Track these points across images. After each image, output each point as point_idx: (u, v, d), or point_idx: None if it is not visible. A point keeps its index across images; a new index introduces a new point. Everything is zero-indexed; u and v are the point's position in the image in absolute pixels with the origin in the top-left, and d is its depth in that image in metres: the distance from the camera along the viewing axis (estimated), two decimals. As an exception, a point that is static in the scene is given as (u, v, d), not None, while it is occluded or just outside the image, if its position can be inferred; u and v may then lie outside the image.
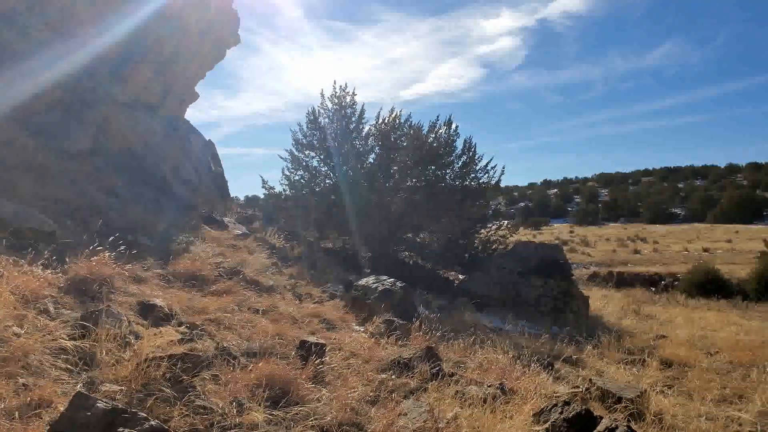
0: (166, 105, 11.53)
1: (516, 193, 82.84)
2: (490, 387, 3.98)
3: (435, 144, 12.03)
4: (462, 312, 8.62)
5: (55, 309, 3.76)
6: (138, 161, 9.84)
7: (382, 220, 11.56)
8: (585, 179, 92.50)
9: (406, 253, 12.63)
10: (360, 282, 7.06)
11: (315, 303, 6.45)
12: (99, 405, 2.38)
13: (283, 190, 13.01)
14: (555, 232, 47.67)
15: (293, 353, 4.13)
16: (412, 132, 12.25)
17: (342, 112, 12.51)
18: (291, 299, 6.35)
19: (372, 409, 3.45)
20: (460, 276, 12.04)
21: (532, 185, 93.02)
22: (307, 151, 12.76)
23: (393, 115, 12.49)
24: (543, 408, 3.57)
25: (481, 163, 12.16)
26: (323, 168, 12.80)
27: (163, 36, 10.46)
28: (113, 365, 3.14)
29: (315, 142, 12.65)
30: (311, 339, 4.38)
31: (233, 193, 17.63)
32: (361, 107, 12.57)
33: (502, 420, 3.37)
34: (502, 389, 3.99)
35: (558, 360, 5.93)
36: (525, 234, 33.47)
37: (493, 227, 12.82)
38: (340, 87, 12.56)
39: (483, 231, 12.56)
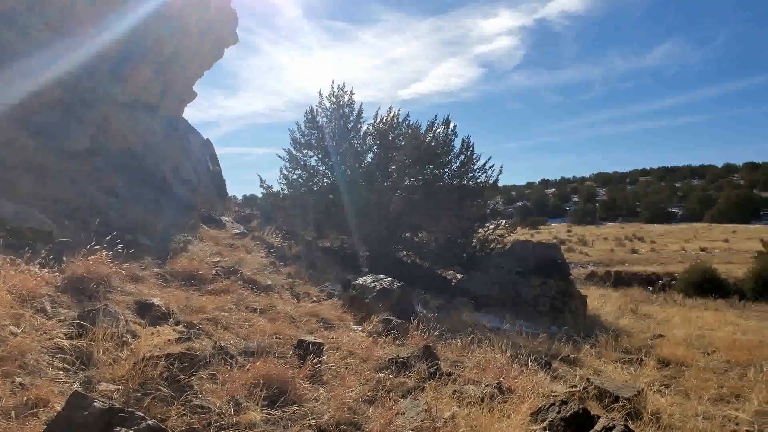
0: (165, 105, 11.52)
1: (514, 193, 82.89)
2: (487, 386, 3.98)
3: (433, 143, 12.03)
4: (460, 311, 8.62)
5: (52, 308, 3.75)
6: (138, 161, 9.83)
7: (380, 219, 11.56)
8: (583, 179, 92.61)
9: (404, 253, 12.62)
10: (358, 281, 7.06)
11: (313, 302, 6.44)
12: (96, 404, 2.37)
13: (281, 189, 13.02)
14: (553, 231, 47.75)
15: (291, 352, 4.13)
16: (410, 131, 12.24)
17: (340, 111, 12.50)
18: (289, 298, 6.34)
19: (369, 409, 3.45)
20: (458, 275, 12.04)
21: (530, 185, 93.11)
22: (305, 151, 12.76)
23: (391, 115, 12.49)
24: (540, 407, 3.58)
25: (479, 163, 12.19)
26: (321, 167, 12.81)
27: (163, 35, 10.45)
28: (110, 364, 3.13)
29: (313, 141, 12.65)
30: (309, 338, 4.38)
31: (231, 193, 17.66)
32: (359, 106, 12.58)
33: (499, 419, 3.37)
34: (499, 388, 4.00)
35: (556, 359, 5.94)
36: (523, 233, 33.52)
37: (491, 227, 12.83)
38: (338, 86, 12.57)
39: (481, 230, 12.57)
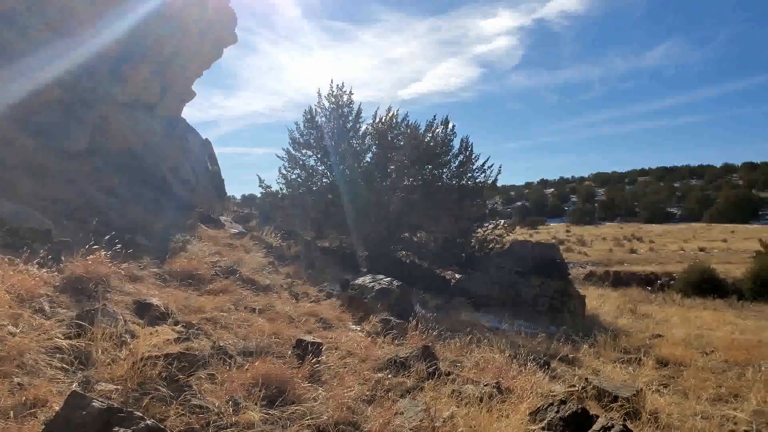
0: (164, 104, 11.51)
1: (513, 193, 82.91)
2: (486, 386, 3.98)
3: (432, 143, 12.04)
4: (459, 311, 8.63)
5: (51, 308, 3.75)
6: (137, 161, 9.83)
7: (379, 219, 11.56)
8: (582, 179, 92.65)
9: (403, 253, 12.63)
10: (357, 281, 7.06)
11: (312, 302, 6.43)
12: (94, 404, 2.37)
13: (280, 189, 13.02)
14: (552, 231, 47.78)
15: (290, 352, 4.12)
16: (409, 131, 12.25)
17: (339, 111, 12.50)
18: (287, 298, 6.34)
19: (368, 408, 3.44)
20: (457, 275, 12.05)
21: (529, 185, 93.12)
22: (304, 150, 12.76)
23: (390, 115, 12.50)
24: (539, 407, 3.58)
25: (478, 163, 12.22)
26: (320, 167, 12.81)
27: (163, 35, 10.44)
28: (109, 364, 3.13)
29: (312, 141, 12.65)
30: (308, 338, 4.38)
31: (230, 192, 17.67)
32: (358, 106, 12.59)
33: (498, 419, 3.37)
34: (498, 388, 4.00)
35: (554, 359, 5.94)
36: (522, 233, 33.57)
37: (490, 227, 12.85)
38: (337, 86, 12.57)
39: (480, 230, 12.58)
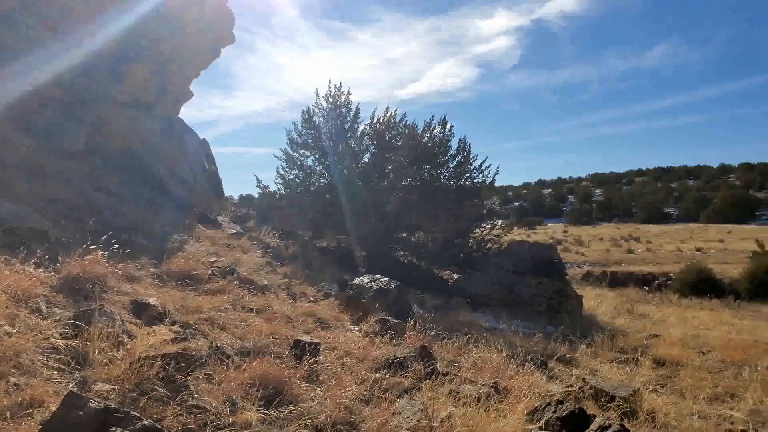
0: (162, 104, 11.50)
1: (510, 193, 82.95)
2: (484, 386, 3.99)
3: (430, 144, 12.05)
4: (457, 311, 8.63)
5: (48, 308, 3.73)
6: (135, 161, 9.81)
7: (377, 219, 11.57)
8: (579, 179, 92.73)
9: (401, 253, 12.64)
10: (355, 281, 7.06)
11: (309, 302, 6.43)
12: (91, 404, 2.36)
13: (278, 189, 13.01)
14: (549, 231, 47.81)
15: (287, 352, 4.12)
16: (407, 132, 12.26)
17: (337, 111, 12.50)
18: (285, 298, 6.33)
19: (366, 408, 3.44)
20: (455, 275, 12.06)
21: (526, 185, 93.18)
22: (302, 151, 12.76)
23: (388, 115, 12.51)
24: (537, 407, 3.59)
25: (476, 163, 12.23)
26: (318, 167, 12.81)
27: (161, 35, 10.42)
28: (106, 364, 3.12)
29: (310, 141, 12.65)
30: (305, 338, 4.37)
31: (228, 192, 17.65)
32: (356, 106, 12.59)
33: (495, 419, 3.38)
34: (496, 388, 4.01)
35: (552, 359, 5.95)
36: (519, 233, 33.61)
37: (488, 227, 12.87)
38: (334, 86, 12.57)
39: (478, 231, 12.60)
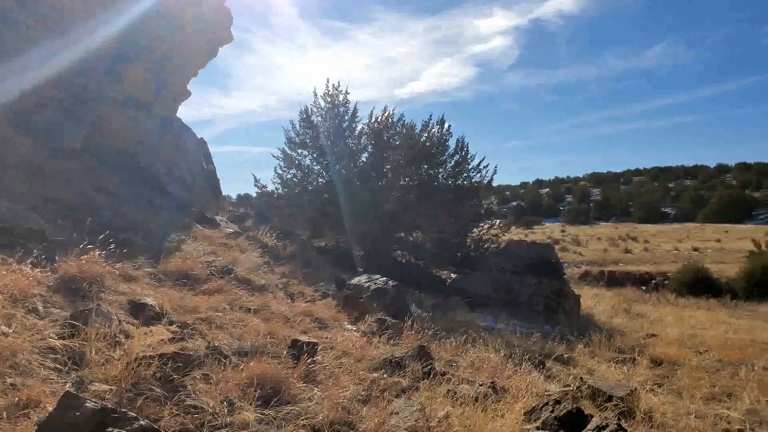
0: (160, 103, 11.46)
1: (508, 193, 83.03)
2: (481, 386, 3.99)
3: (428, 143, 12.05)
4: (455, 311, 8.64)
5: (44, 308, 3.72)
6: (133, 160, 9.79)
7: (375, 219, 11.56)
8: (577, 179, 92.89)
9: (399, 252, 12.63)
10: (353, 281, 7.06)
11: (307, 302, 6.43)
12: (88, 405, 2.36)
13: (276, 188, 12.99)
14: (547, 231, 47.89)
15: (285, 352, 4.12)
16: (405, 131, 12.26)
17: (335, 110, 12.49)
18: (283, 298, 6.32)
19: (364, 408, 3.45)
20: (452, 275, 12.06)
21: (524, 185, 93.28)
22: (300, 150, 12.74)
23: (386, 114, 12.50)
24: (534, 406, 3.59)
25: (474, 163, 12.22)
26: (316, 167, 12.80)
27: (159, 34, 10.39)
28: (103, 364, 3.11)
29: (308, 140, 12.63)
30: (303, 338, 4.37)
31: (226, 192, 17.60)
32: (354, 106, 12.58)
33: (493, 418, 3.38)
34: (493, 388, 4.01)
35: (549, 359, 5.96)
36: (517, 233, 33.64)
37: (486, 226, 12.87)
38: (332, 85, 12.56)
39: (475, 230, 12.59)
